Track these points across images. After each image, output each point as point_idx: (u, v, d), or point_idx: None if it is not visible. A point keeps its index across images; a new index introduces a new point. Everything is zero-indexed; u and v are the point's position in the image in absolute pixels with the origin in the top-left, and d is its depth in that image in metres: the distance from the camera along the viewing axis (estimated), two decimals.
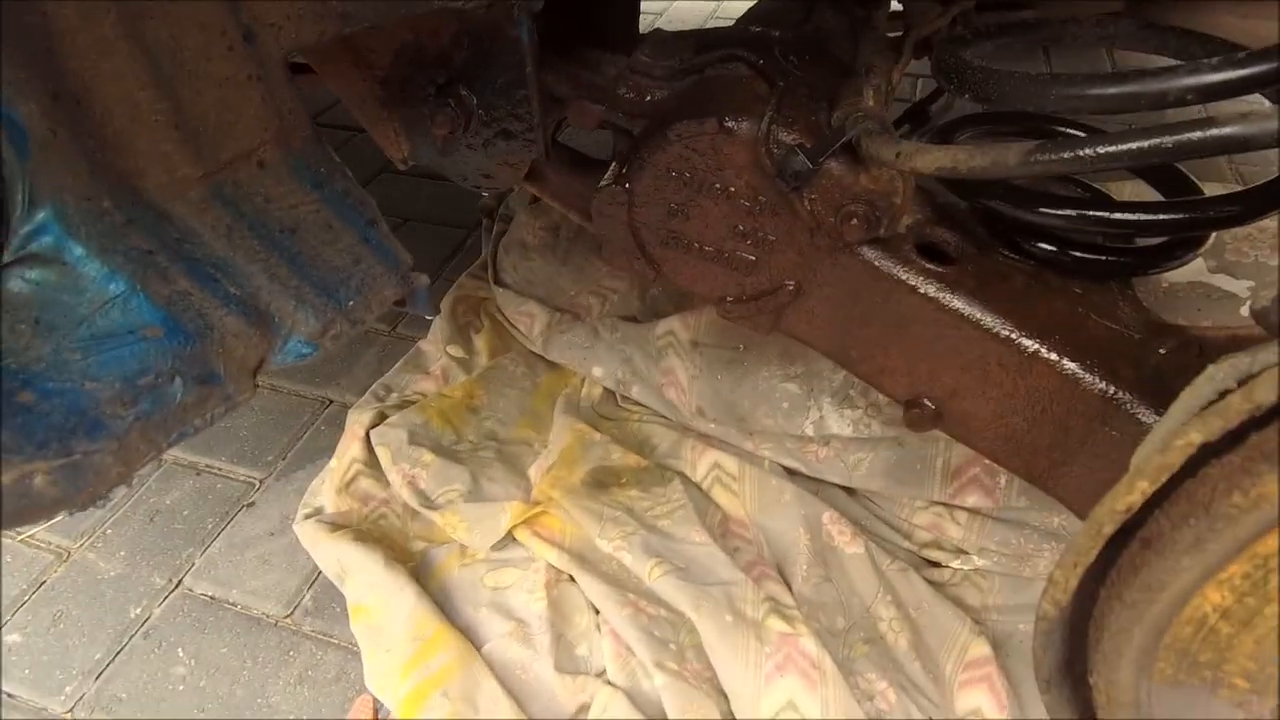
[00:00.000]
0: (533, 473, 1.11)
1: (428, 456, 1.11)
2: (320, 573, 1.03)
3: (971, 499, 0.98)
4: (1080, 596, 0.41)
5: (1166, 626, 0.38)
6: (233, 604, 1.02)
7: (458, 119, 0.71)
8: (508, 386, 1.26)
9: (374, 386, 1.27)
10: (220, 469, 1.20)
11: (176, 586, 1.04)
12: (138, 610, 1.01)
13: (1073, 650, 0.44)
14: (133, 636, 0.98)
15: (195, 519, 1.13)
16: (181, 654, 0.97)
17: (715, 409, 1.09)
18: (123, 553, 1.08)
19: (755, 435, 1.07)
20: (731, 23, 0.88)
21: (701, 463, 1.08)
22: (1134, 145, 0.45)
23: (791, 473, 1.07)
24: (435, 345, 1.34)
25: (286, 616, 1.01)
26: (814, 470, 1.05)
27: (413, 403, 1.22)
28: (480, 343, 1.34)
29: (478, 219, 1.64)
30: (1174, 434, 0.32)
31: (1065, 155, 0.46)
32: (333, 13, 0.54)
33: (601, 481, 1.07)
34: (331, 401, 1.32)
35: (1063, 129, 0.80)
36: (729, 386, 1.09)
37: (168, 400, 0.41)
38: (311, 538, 1.03)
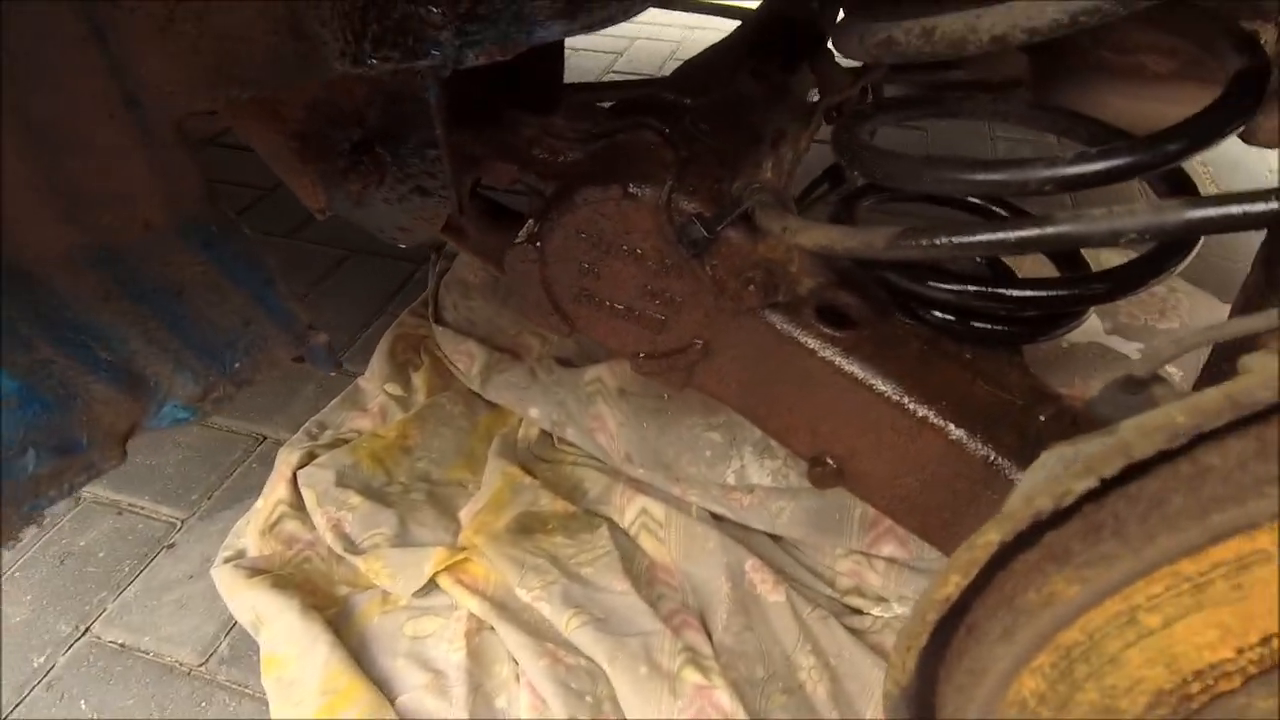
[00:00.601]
0: (463, 516, 1.10)
1: (355, 499, 1.10)
2: None
3: (888, 549, 0.99)
4: (923, 675, 0.42)
5: (993, 709, 0.39)
6: (144, 652, 0.99)
7: (371, 175, 0.72)
8: (444, 426, 1.25)
9: (307, 424, 1.26)
10: (142, 508, 1.17)
11: (84, 634, 1.01)
12: (41, 659, 0.98)
13: None
14: (34, 688, 0.95)
15: (111, 561, 1.10)
16: (84, 706, 0.93)
17: (642, 456, 1.10)
18: (28, 597, 1.05)
19: (682, 482, 1.08)
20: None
21: (630, 509, 1.08)
22: (984, 238, 0.47)
23: (719, 519, 1.08)
24: (373, 383, 1.33)
25: (201, 665, 0.98)
26: (739, 517, 1.06)
27: (346, 441, 1.21)
28: (419, 381, 1.33)
29: (426, 254, 1.64)
30: (979, 532, 0.34)
31: (924, 243, 0.49)
32: (229, 80, 0.55)
33: (528, 527, 1.06)
34: (265, 438, 1.30)
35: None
36: (654, 434, 1.10)
37: (16, 473, 0.40)
38: (228, 584, 1.01)
